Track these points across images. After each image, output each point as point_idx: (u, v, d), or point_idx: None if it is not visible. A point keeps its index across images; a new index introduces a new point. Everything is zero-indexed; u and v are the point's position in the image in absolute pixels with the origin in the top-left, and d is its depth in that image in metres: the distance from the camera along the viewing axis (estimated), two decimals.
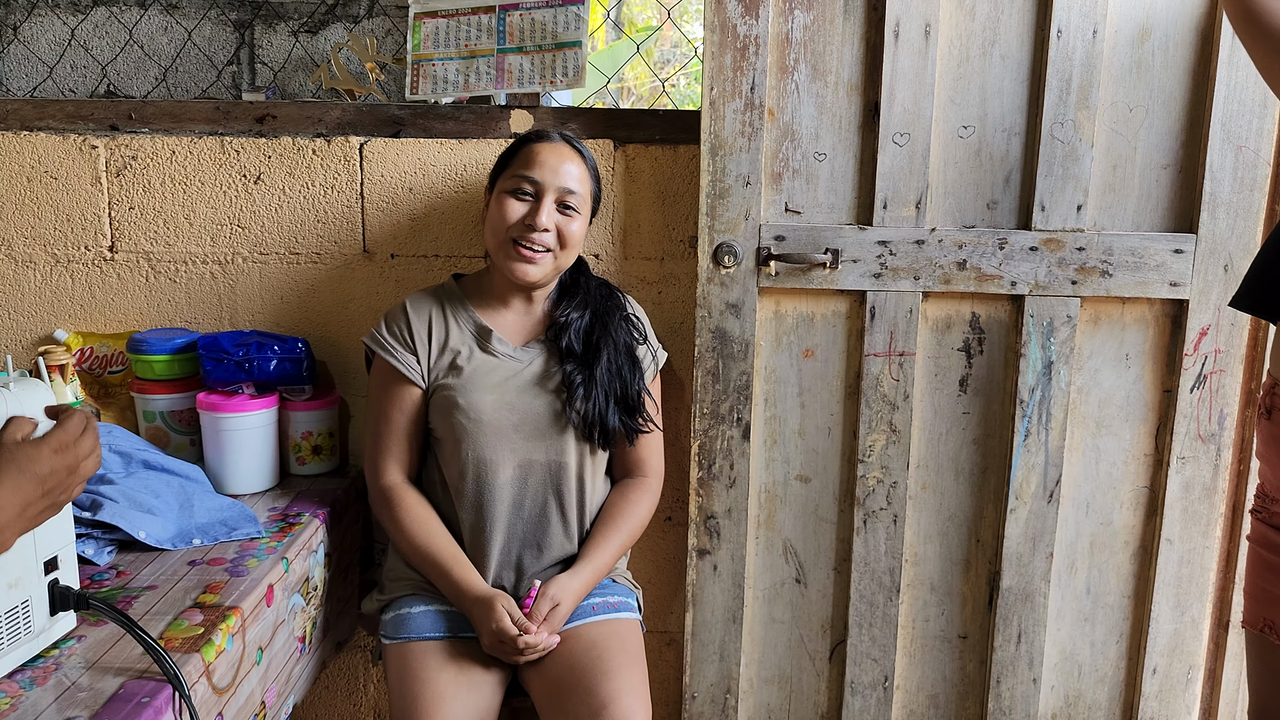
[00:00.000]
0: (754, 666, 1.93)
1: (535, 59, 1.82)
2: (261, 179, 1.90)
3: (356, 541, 1.87)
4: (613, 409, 1.65)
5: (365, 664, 2.08)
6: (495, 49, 1.80)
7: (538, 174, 1.60)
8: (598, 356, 1.65)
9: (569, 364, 1.65)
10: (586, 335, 1.67)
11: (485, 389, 1.63)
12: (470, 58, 1.81)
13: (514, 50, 1.81)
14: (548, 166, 1.60)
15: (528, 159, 1.62)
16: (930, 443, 1.84)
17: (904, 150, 1.73)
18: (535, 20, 1.81)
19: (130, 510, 1.50)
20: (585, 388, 1.63)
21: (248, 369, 1.77)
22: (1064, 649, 1.89)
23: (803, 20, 1.72)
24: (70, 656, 1.20)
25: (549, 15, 1.81)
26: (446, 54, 1.81)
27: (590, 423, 1.64)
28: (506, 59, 1.81)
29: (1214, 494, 1.80)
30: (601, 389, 1.64)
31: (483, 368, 1.65)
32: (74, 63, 2.05)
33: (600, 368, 1.64)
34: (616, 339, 1.68)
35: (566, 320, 1.67)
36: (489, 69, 1.82)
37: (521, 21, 1.81)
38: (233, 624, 1.31)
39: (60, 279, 1.93)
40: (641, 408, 1.69)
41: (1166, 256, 1.73)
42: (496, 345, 1.67)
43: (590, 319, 1.68)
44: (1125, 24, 1.69)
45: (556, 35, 1.81)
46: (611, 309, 1.71)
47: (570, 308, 1.68)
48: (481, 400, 1.62)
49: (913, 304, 1.77)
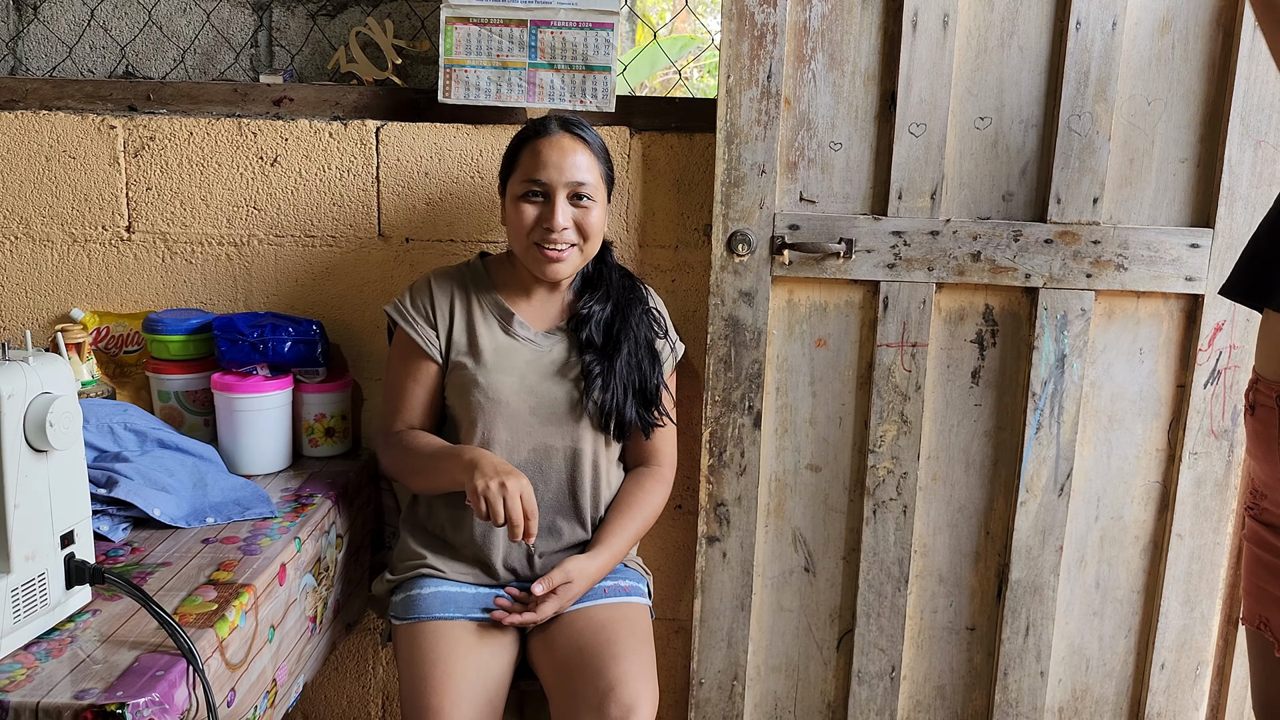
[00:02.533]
0: (761, 654, 1.93)
1: (566, 77, 1.84)
2: (278, 161, 1.90)
3: (368, 524, 1.88)
4: (630, 402, 1.66)
5: (374, 646, 2.09)
6: (527, 63, 1.82)
7: (544, 175, 1.59)
8: (618, 349, 1.66)
9: (589, 355, 1.65)
10: (607, 328, 1.68)
11: (505, 370, 1.64)
12: (502, 68, 1.83)
13: (545, 66, 1.83)
14: (553, 165, 1.59)
15: (532, 160, 1.61)
16: (941, 434, 1.84)
17: (920, 141, 1.72)
18: (567, 40, 1.83)
19: (145, 488, 1.52)
20: (604, 379, 1.64)
21: (262, 350, 1.78)
22: (1072, 642, 1.89)
23: (820, 9, 1.71)
24: (85, 630, 1.21)
25: (579, 36, 1.83)
26: (479, 61, 1.83)
27: (606, 414, 1.64)
28: (538, 74, 1.84)
29: (1226, 490, 1.80)
30: (620, 381, 1.65)
31: (503, 349, 1.66)
32: (93, 43, 2.05)
33: (620, 360, 1.65)
34: (637, 333, 1.69)
35: (589, 312, 1.68)
36: (520, 81, 1.84)
37: (553, 39, 1.83)
38: (246, 601, 1.32)
39: (78, 258, 1.94)
40: (658, 402, 1.70)
41: (1182, 251, 1.73)
42: (518, 329, 1.67)
43: (612, 311, 1.69)
44: (1145, 16, 1.68)
45: (587, 58, 1.83)
46: (633, 301, 1.71)
47: (593, 300, 1.69)
48: (501, 381, 1.63)
49: (926, 295, 1.77)
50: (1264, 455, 1.32)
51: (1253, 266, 1.33)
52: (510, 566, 1.66)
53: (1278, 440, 1.28)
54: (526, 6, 1.84)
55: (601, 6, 1.83)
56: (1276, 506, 1.32)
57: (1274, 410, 1.28)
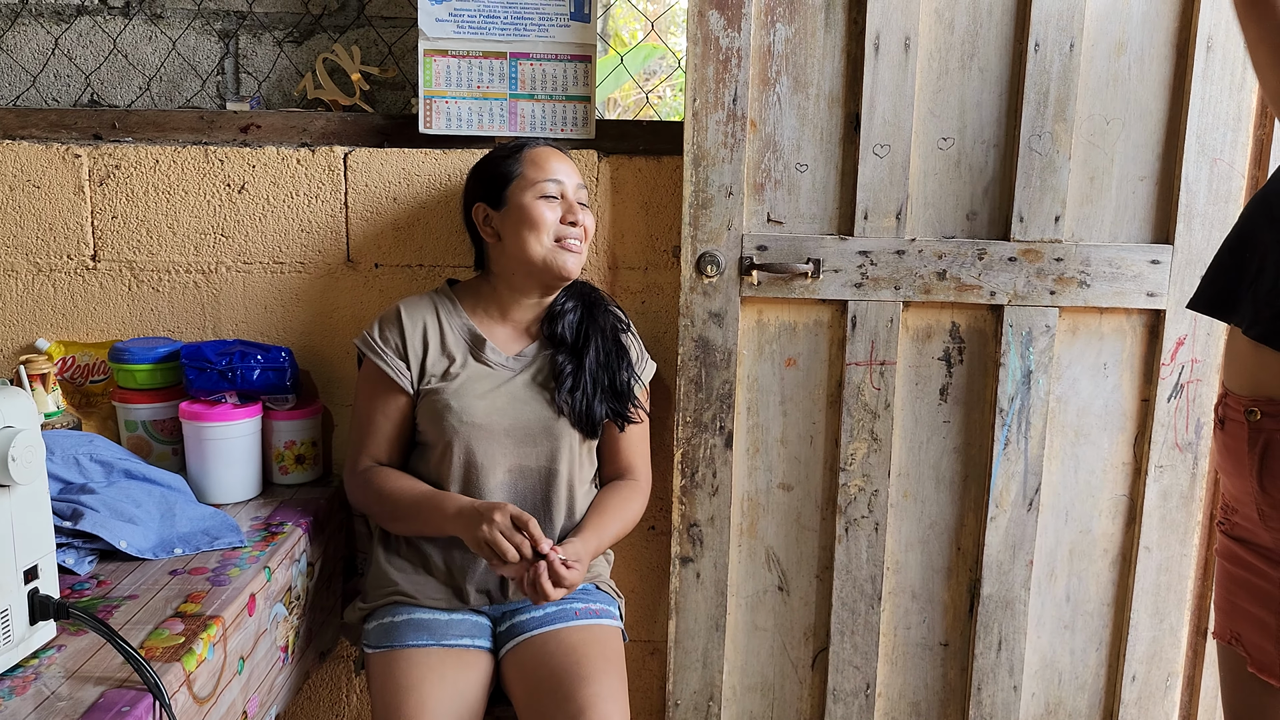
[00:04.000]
0: (737, 674, 1.93)
1: (546, 107, 1.88)
2: (246, 188, 1.90)
3: (339, 551, 1.87)
4: (600, 396, 1.67)
5: (348, 675, 2.08)
6: (508, 94, 1.87)
7: (559, 175, 1.67)
8: (587, 345, 1.69)
9: (560, 354, 1.68)
10: (578, 325, 1.71)
11: (478, 394, 1.64)
12: (483, 99, 1.87)
13: (526, 96, 1.88)
14: (561, 169, 1.68)
15: (541, 165, 1.67)
16: (911, 451, 1.85)
17: (884, 161, 1.74)
18: (546, 72, 1.87)
19: (111, 520, 1.50)
20: (574, 377, 1.67)
21: (231, 378, 1.76)
22: (1044, 656, 1.90)
23: (784, 33, 1.74)
24: (50, 666, 1.20)
25: (558, 68, 1.87)
26: (459, 92, 1.86)
27: (580, 410, 1.65)
28: (519, 104, 1.88)
29: (1191, 502, 1.82)
30: (590, 376, 1.67)
31: (476, 375, 1.67)
32: (57, 71, 2.04)
33: (589, 357, 1.68)
34: (604, 326, 1.72)
35: (562, 309, 1.71)
36: (502, 111, 1.88)
37: (533, 70, 1.87)
38: (214, 633, 1.31)
39: (42, 288, 1.93)
40: (630, 394, 1.71)
41: (1143, 267, 1.76)
42: (490, 355, 1.68)
43: (581, 310, 1.73)
44: (1102, 38, 1.71)
45: (566, 88, 1.88)
46: (598, 299, 1.76)
47: (566, 298, 1.73)
48: (474, 404, 1.63)
49: (893, 313, 1.79)
50: (1234, 470, 1.33)
51: (1217, 281, 1.35)
52: (484, 590, 1.66)
53: (1248, 454, 1.29)
54: (505, 39, 1.87)
55: (578, 39, 1.87)
56: (1248, 521, 1.33)
57: (1243, 424, 1.29)
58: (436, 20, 1.85)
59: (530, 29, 1.87)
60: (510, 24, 1.86)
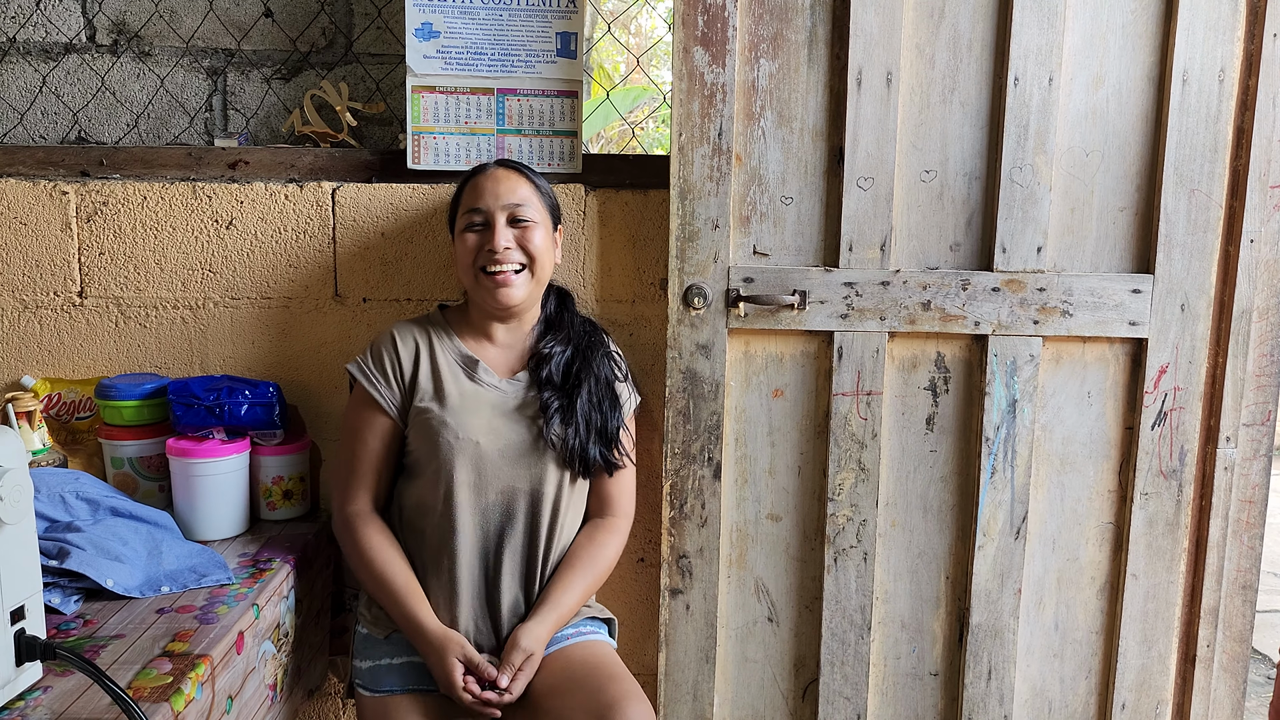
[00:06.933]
0: (727, 706, 1.93)
1: (533, 142, 1.90)
2: (233, 224, 1.90)
3: (327, 587, 1.86)
4: (593, 439, 1.67)
5: (336, 713, 2.06)
6: (495, 129, 1.89)
7: (482, 202, 1.65)
8: (578, 388, 1.68)
9: (547, 392, 1.67)
10: (567, 368, 1.70)
11: (472, 413, 1.64)
12: (471, 134, 1.89)
13: (514, 132, 1.90)
14: (489, 192, 1.66)
15: (471, 193, 1.68)
16: (899, 481, 1.86)
17: (868, 194, 1.76)
18: (533, 107, 1.89)
19: (98, 558, 1.49)
20: (563, 415, 1.65)
21: (218, 414, 1.76)
22: (1034, 685, 1.90)
23: (768, 69, 1.76)
24: (36, 708, 1.18)
25: (545, 104, 1.89)
26: (447, 128, 1.88)
27: (569, 450, 1.65)
28: (506, 139, 1.90)
29: (1177, 529, 1.83)
30: (582, 418, 1.66)
31: (469, 394, 1.67)
32: (45, 109, 2.05)
33: (581, 399, 1.67)
34: (598, 373, 1.71)
35: (549, 352, 1.70)
36: (490, 146, 1.90)
37: (520, 106, 1.89)
38: (202, 672, 1.30)
39: (29, 325, 1.92)
40: (619, 441, 1.71)
41: (1125, 296, 1.78)
42: (483, 375, 1.68)
43: (572, 353, 1.71)
44: (1080, 72, 1.74)
45: (554, 123, 1.90)
46: (594, 345, 1.74)
47: (554, 341, 1.72)
48: (469, 422, 1.63)
49: (879, 344, 1.80)
50: None
51: None
52: (477, 642, 1.65)
53: None
54: (493, 75, 1.89)
55: (565, 75, 1.89)
56: None
57: None
58: (424, 57, 1.87)
59: (517, 65, 1.89)
60: (498, 60, 1.89)
